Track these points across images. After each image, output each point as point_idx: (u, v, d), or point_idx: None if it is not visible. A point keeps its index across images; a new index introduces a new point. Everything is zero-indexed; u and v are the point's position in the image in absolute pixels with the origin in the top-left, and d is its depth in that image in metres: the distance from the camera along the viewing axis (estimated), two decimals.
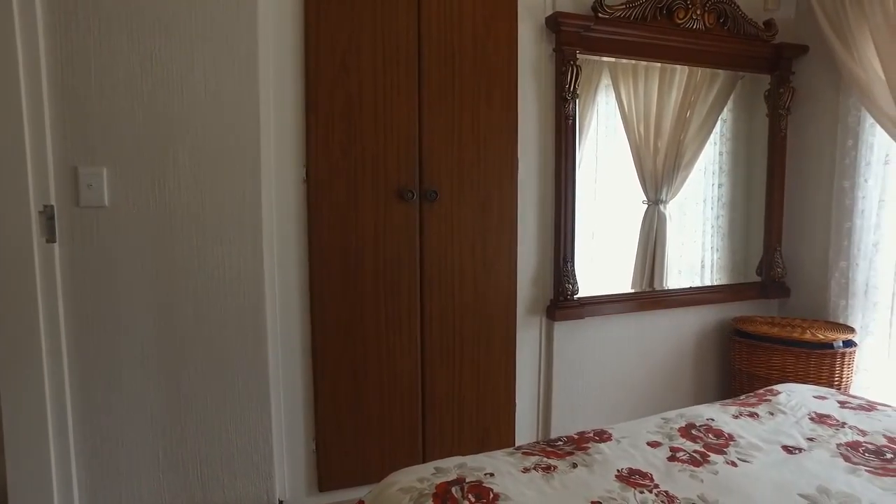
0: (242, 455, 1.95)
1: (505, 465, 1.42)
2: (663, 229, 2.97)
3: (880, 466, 1.47)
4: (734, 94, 3.04)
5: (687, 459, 1.47)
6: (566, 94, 2.44)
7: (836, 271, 2.82)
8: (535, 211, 2.49)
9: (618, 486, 1.33)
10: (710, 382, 2.99)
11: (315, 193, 2.08)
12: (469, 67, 2.22)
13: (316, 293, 2.10)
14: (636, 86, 2.86)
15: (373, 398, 2.19)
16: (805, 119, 2.97)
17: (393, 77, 2.12)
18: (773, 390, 1.95)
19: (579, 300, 2.56)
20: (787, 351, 2.60)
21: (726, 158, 3.11)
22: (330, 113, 2.06)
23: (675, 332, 2.88)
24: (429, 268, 2.21)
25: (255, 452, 1.96)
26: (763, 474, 1.41)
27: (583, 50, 2.48)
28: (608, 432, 1.61)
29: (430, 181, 2.19)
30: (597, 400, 2.69)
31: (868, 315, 2.72)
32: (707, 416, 1.71)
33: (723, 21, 2.76)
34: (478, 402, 2.34)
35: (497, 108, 2.28)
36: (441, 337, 2.26)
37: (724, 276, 3.10)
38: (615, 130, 2.88)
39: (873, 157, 2.67)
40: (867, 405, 1.84)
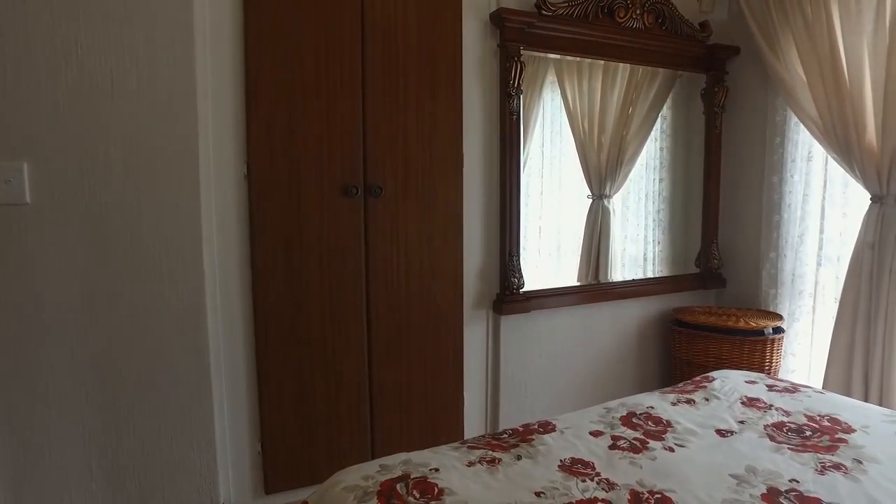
0: (184, 461, 1.89)
1: (450, 460, 1.42)
2: (607, 223, 3.04)
3: (800, 444, 1.56)
4: (673, 92, 3.14)
5: (627, 447, 1.51)
6: (511, 89, 2.46)
7: (767, 262, 2.96)
8: (480, 206, 2.51)
9: (560, 476, 1.36)
10: (653, 371, 3.09)
11: (257, 189, 2.03)
12: (414, 62, 2.21)
13: (259, 291, 2.05)
14: (580, 83, 2.92)
15: (319, 397, 2.16)
16: (738, 117, 3.10)
17: (337, 71, 2.09)
18: (708, 377, 2.03)
19: (525, 294, 2.60)
20: (723, 339, 2.72)
21: (666, 154, 3.21)
22: (272, 107, 2.01)
23: (619, 324, 2.96)
24: (374, 264, 2.19)
25: (197, 457, 1.91)
26: (697, 458, 1.47)
27: (527, 46, 2.50)
28: (552, 423, 1.64)
29: (375, 177, 2.17)
30: (544, 391, 2.74)
31: (794, 303, 2.87)
32: (647, 405, 1.76)
33: (661, 21, 2.84)
34: (426, 398, 2.34)
35: (442, 104, 2.28)
36: (388, 333, 2.25)
37: (665, 268, 3.21)
38: (561, 126, 2.94)
39: (798, 154, 2.82)
40: (791, 387, 1.94)
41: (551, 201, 2.97)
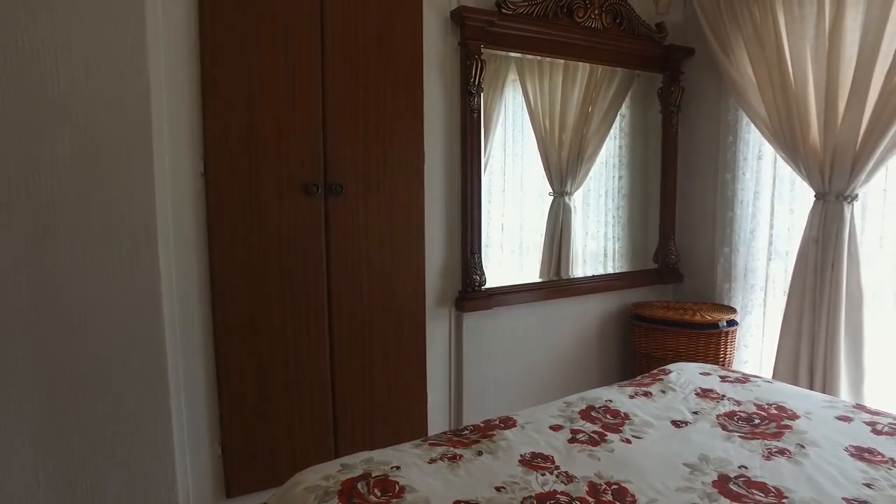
0: (140, 466, 1.84)
1: (411, 458, 1.43)
2: (569, 220, 3.09)
3: (749, 431, 1.62)
4: (631, 91, 3.21)
5: (586, 440, 1.54)
6: (471, 87, 2.48)
7: (721, 257, 3.06)
8: (442, 204, 2.52)
9: (521, 471, 1.38)
10: (613, 364, 3.16)
11: (214, 187, 1.99)
12: (374, 59, 2.20)
13: (217, 291, 2.01)
14: (541, 81, 2.96)
15: (281, 398, 2.14)
16: (693, 116, 3.19)
17: (295, 68, 2.06)
18: (665, 370, 2.08)
19: (487, 291, 2.62)
20: (680, 332, 2.80)
21: (625, 152, 3.28)
22: (229, 103, 1.97)
23: (580, 319, 3.01)
24: (335, 262, 2.18)
25: (154, 462, 1.86)
26: (653, 448, 1.51)
27: (487, 44, 2.52)
28: (513, 419, 1.66)
29: (336, 174, 2.15)
30: (507, 387, 2.77)
31: (747, 296, 2.98)
32: (606, 398, 1.81)
33: (619, 22, 2.90)
34: (390, 396, 2.34)
35: (403, 101, 2.28)
36: (350, 332, 2.24)
37: (625, 263, 3.28)
38: (523, 124, 2.97)
39: (749, 153, 2.92)
40: (742, 378, 2.01)
41: (514, 198, 3.00)
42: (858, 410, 1.78)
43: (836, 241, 2.50)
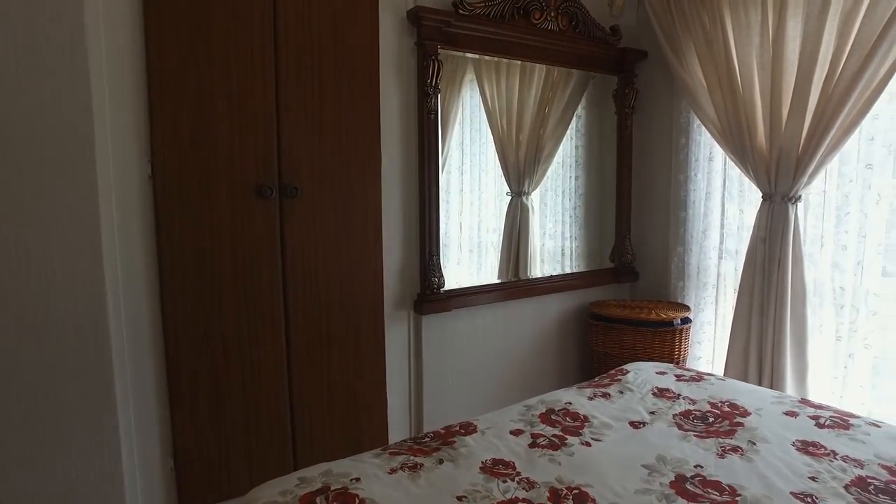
0: (85, 485, 1.75)
1: (371, 468, 1.41)
2: (526, 220, 3.11)
3: (704, 430, 1.66)
4: (587, 93, 3.25)
5: (546, 444, 1.55)
6: (428, 88, 2.45)
7: (675, 256, 3.13)
8: (399, 206, 2.49)
9: (482, 478, 1.38)
10: (572, 364, 3.20)
11: (163, 190, 1.91)
12: (329, 59, 2.15)
13: (168, 298, 1.94)
14: (499, 81, 2.96)
15: (237, 406, 2.08)
16: (647, 118, 3.25)
17: (248, 67, 2.00)
18: (623, 370, 2.12)
19: (446, 293, 2.61)
20: (636, 331, 2.85)
21: (581, 152, 3.32)
22: (178, 103, 1.89)
23: (539, 319, 3.04)
24: (291, 266, 2.13)
25: (101, 479, 1.78)
26: (612, 451, 1.53)
27: (444, 45, 2.50)
28: (473, 424, 1.66)
29: (291, 177, 2.10)
30: (468, 390, 2.77)
31: (700, 294, 3.06)
32: (565, 401, 1.82)
33: (574, 24, 2.92)
34: (349, 402, 2.31)
35: (359, 102, 2.24)
36: (307, 337, 2.19)
37: (582, 263, 3.32)
38: (480, 124, 2.97)
39: (701, 154, 2.99)
40: (697, 376, 2.06)
41: (472, 198, 2.99)
42: (804, 405, 1.85)
43: (781, 241, 2.59)
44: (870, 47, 2.24)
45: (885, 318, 2.48)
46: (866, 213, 2.46)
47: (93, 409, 1.75)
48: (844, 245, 2.54)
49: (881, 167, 2.41)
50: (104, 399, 1.76)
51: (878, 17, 2.23)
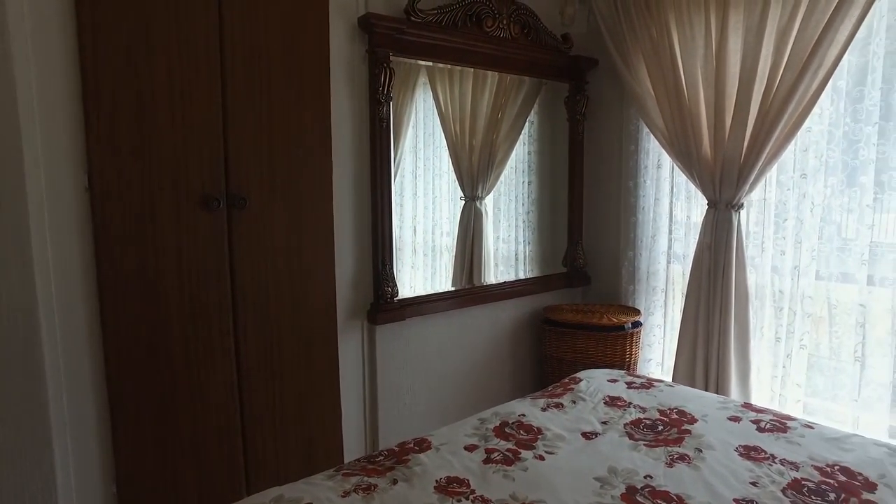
0: None
1: (324, 491, 1.38)
2: (480, 225, 3.12)
3: (654, 438, 1.70)
4: (539, 99, 3.28)
5: (500, 459, 1.55)
6: (380, 96, 2.42)
7: (626, 260, 3.20)
8: (351, 215, 2.45)
9: (436, 499, 1.37)
10: (527, 369, 3.22)
11: (102, 204, 1.82)
12: (278, 66, 2.10)
13: (108, 317, 1.85)
14: (452, 87, 2.95)
15: (185, 425, 2.00)
16: (598, 124, 3.30)
17: (192, 73, 1.92)
18: (575, 378, 2.15)
19: (400, 302, 2.59)
20: (589, 335, 2.90)
21: (534, 158, 3.35)
22: (116, 111, 1.81)
23: (494, 326, 3.05)
24: (241, 280, 2.07)
25: None
26: (565, 464, 1.55)
27: (396, 52, 2.48)
28: (428, 440, 1.65)
29: (239, 187, 2.04)
30: (423, 400, 2.76)
31: (649, 298, 3.14)
32: (519, 412, 1.83)
33: (526, 32, 2.94)
34: (302, 417, 2.26)
35: (309, 110, 2.19)
36: (258, 352, 2.13)
37: (536, 268, 3.35)
38: (434, 128, 2.96)
39: (649, 162, 3.07)
40: (647, 383, 2.11)
41: (426, 202, 2.98)
42: (746, 409, 1.91)
43: (725, 246, 2.68)
44: (802, 64, 2.34)
45: (819, 319, 2.60)
46: (802, 219, 2.57)
47: (24, 437, 1.65)
48: (783, 250, 2.65)
49: (814, 177, 2.53)
50: (37, 424, 1.67)
51: (809, 37, 2.33)
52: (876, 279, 2.40)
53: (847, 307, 2.51)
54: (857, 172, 2.43)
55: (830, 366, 2.60)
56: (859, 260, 2.44)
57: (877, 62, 2.32)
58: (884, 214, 2.40)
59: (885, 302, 2.40)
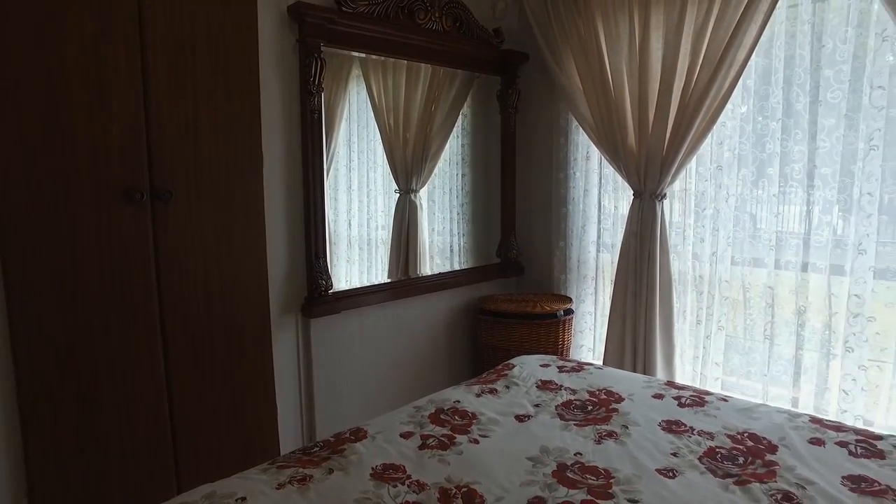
0: None
1: (258, 485, 1.36)
2: (415, 217, 3.13)
3: (584, 418, 1.77)
4: (472, 92, 3.32)
5: (436, 445, 1.58)
6: (311, 87, 2.39)
7: (557, 250, 3.30)
8: (283, 207, 2.41)
9: (372, 485, 1.38)
10: (463, 359, 3.27)
11: (9, 198, 1.71)
12: (204, 55, 2.02)
13: (17, 319, 1.74)
14: (385, 79, 2.95)
15: (110, 431, 1.91)
16: (529, 118, 3.38)
17: (110, 58, 1.83)
18: (509, 364, 2.20)
19: (335, 295, 2.57)
20: (522, 324, 2.97)
21: (468, 150, 3.39)
22: (23, 97, 1.70)
23: (430, 317, 3.07)
24: (167, 276, 1.99)
25: None
26: (499, 446, 1.59)
27: (327, 43, 2.45)
28: (364, 430, 1.65)
29: (163, 179, 1.96)
30: (361, 392, 2.75)
31: (580, 286, 3.25)
32: (454, 399, 1.86)
33: (458, 25, 2.97)
34: (236, 415, 2.20)
35: (238, 100, 2.13)
36: (188, 350, 2.07)
37: (471, 259, 3.40)
38: (367, 121, 2.94)
39: (579, 154, 3.17)
40: (578, 366, 2.19)
41: (361, 195, 2.97)
42: (669, 387, 2.02)
43: (650, 235, 2.81)
44: (716, 63, 2.50)
45: (735, 302, 2.78)
46: (718, 209, 2.73)
47: None
48: (702, 238, 2.81)
49: (728, 168, 2.69)
50: None
51: (721, 38, 2.49)
52: (782, 263, 2.59)
53: (759, 290, 2.69)
54: (766, 165, 2.61)
55: (745, 345, 2.79)
56: (768, 246, 2.62)
57: (778, 64, 2.50)
58: (789, 206, 2.59)
59: (789, 284, 2.59)
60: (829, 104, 2.40)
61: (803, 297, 2.54)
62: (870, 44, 2.28)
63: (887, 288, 2.34)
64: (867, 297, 2.36)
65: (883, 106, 2.26)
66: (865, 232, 2.34)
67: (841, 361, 2.44)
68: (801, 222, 2.54)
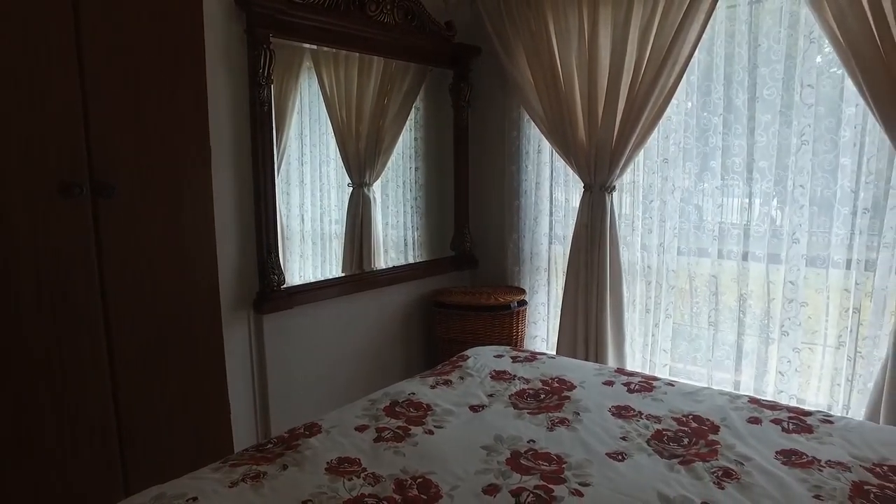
0: None
1: (210, 484, 1.34)
2: (369, 211, 3.12)
3: (536, 407, 1.81)
4: (425, 85, 3.32)
5: (391, 437, 1.59)
6: (260, 79, 2.34)
7: (511, 242, 3.35)
8: (233, 202, 2.36)
9: (327, 479, 1.37)
10: (418, 352, 3.28)
11: None
12: (145, 42, 1.95)
13: None
14: (337, 72, 2.91)
15: (50, 438, 1.83)
16: (482, 111, 3.40)
17: (42, 45, 1.74)
18: (463, 356, 2.22)
19: (287, 290, 2.54)
20: (477, 316, 3.01)
21: (421, 144, 3.39)
22: None
23: (385, 311, 3.07)
24: (112, 274, 1.92)
25: None
26: (454, 436, 1.61)
27: (277, 34, 2.40)
28: (318, 424, 1.64)
29: (105, 173, 1.88)
30: (315, 388, 2.72)
31: (533, 277, 3.31)
32: (409, 391, 1.87)
33: (410, 18, 2.96)
34: (188, 416, 2.14)
35: (184, 91, 2.07)
36: (136, 349, 2.00)
37: (425, 252, 3.41)
38: (320, 114, 2.91)
39: (531, 147, 3.22)
40: (531, 356, 2.24)
41: (314, 189, 2.94)
42: (618, 374, 2.08)
43: (600, 226, 2.88)
44: (661, 59, 2.57)
45: (681, 291, 2.89)
46: (665, 201, 2.82)
47: None
48: (650, 229, 2.90)
49: (674, 162, 2.79)
50: None
51: (666, 35, 2.57)
52: (724, 252, 2.70)
53: (704, 279, 2.80)
54: (709, 158, 2.72)
55: (691, 332, 2.90)
56: (711, 236, 2.73)
57: (719, 61, 2.61)
58: (730, 198, 2.70)
59: (731, 273, 2.71)
60: (766, 101, 2.51)
61: (744, 285, 2.66)
62: (800, 44, 2.41)
63: (817, 275, 2.48)
64: (800, 284, 2.50)
65: (812, 103, 2.39)
66: (798, 222, 2.47)
67: (777, 345, 2.57)
68: (742, 213, 2.65)
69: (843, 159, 2.37)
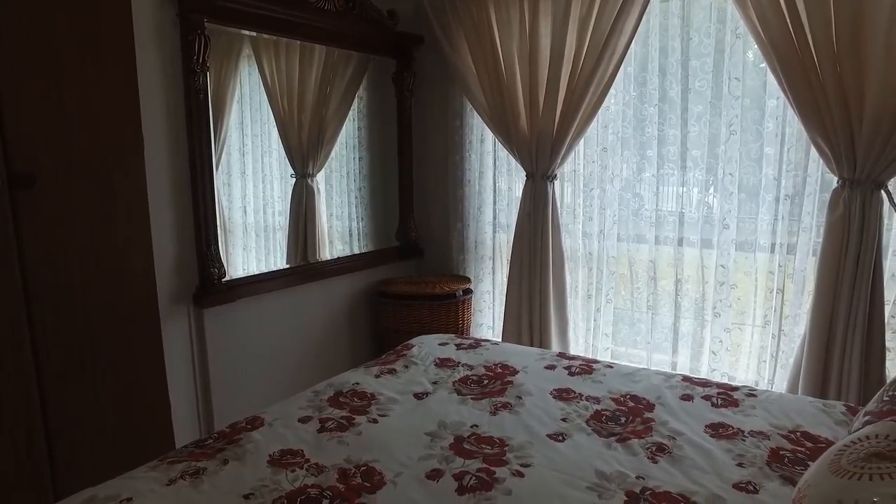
0: None
1: (146, 484, 1.30)
2: (313, 202, 3.07)
3: (480, 392, 1.84)
4: (368, 75, 3.28)
5: (335, 427, 1.58)
6: (195, 66, 2.26)
7: (455, 231, 3.37)
8: (168, 193, 2.28)
9: (270, 472, 1.36)
10: (365, 344, 3.27)
11: None
12: (68, 27, 1.85)
13: None
14: (278, 60, 2.85)
15: None
16: (425, 100, 3.40)
17: None
18: (408, 345, 2.23)
19: (228, 283, 2.48)
20: (423, 305, 3.02)
21: (364, 134, 3.36)
22: None
23: (329, 302, 3.04)
24: (36, 271, 1.82)
25: None
26: (398, 423, 1.62)
27: (211, 19, 2.32)
28: (261, 417, 1.62)
29: (23, 164, 1.78)
30: (259, 383, 2.68)
31: (478, 266, 3.34)
32: (353, 381, 1.87)
33: (351, 6, 2.92)
34: (125, 416, 2.07)
35: (111, 78, 1.97)
36: (66, 351, 1.90)
37: (370, 243, 3.39)
38: (261, 103, 2.84)
39: (474, 137, 3.24)
40: (475, 343, 2.27)
41: (256, 181, 2.87)
42: (560, 358, 2.14)
43: (543, 214, 2.94)
44: (599, 50, 2.64)
45: (620, 276, 2.98)
46: (605, 188, 2.90)
47: None
48: (591, 216, 2.98)
49: (613, 150, 2.86)
50: None
51: (604, 26, 2.63)
52: (661, 238, 2.81)
53: (643, 265, 2.90)
54: (645, 147, 2.81)
55: (632, 316, 3.00)
56: (649, 223, 2.83)
57: (654, 53, 2.69)
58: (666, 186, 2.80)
59: (668, 258, 2.81)
60: (698, 92, 2.61)
61: (680, 270, 2.77)
62: (727, 39, 2.51)
63: (745, 258, 2.62)
64: (731, 267, 2.62)
65: (739, 95, 2.51)
66: (728, 208, 2.59)
67: (710, 326, 2.70)
68: (677, 201, 2.76)
69: (767, 149, 2.50)
